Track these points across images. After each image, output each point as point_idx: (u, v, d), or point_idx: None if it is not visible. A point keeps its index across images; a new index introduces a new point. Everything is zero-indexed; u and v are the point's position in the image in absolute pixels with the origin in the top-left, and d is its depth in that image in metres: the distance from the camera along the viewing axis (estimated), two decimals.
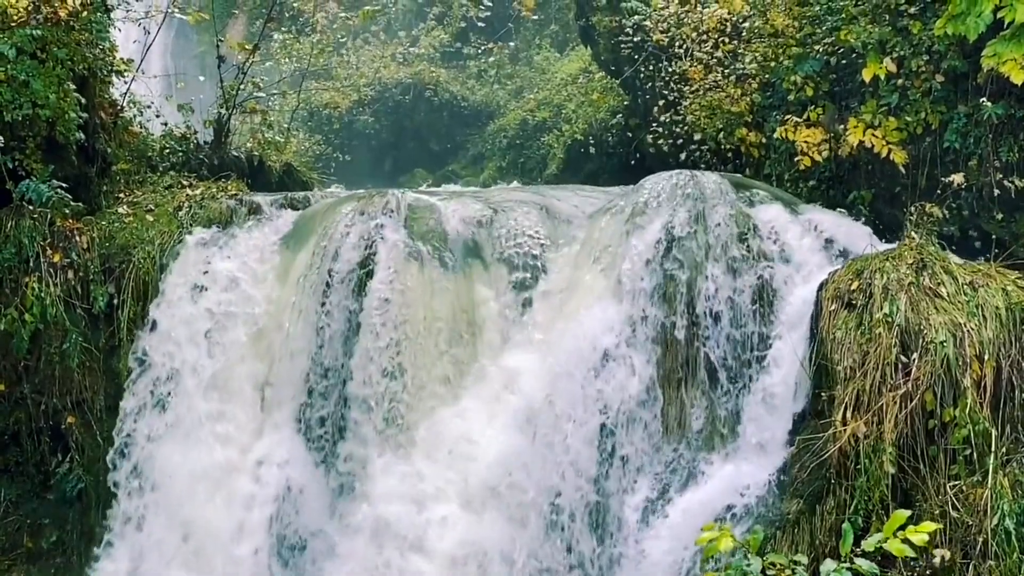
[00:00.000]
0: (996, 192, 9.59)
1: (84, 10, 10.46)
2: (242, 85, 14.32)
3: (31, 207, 10.09)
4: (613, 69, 15.20)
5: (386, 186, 14.80)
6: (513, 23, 23.27)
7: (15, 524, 10.01)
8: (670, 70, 13.46)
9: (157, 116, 13.61)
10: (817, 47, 11.12)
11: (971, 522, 7.51)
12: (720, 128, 12.23)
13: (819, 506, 8.08)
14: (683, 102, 13.04)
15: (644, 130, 14.09)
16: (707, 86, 12.65)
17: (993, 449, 7.59)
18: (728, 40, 12.85)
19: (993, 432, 7.65)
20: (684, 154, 12.83)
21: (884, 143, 10.05)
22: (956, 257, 8.77)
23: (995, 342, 7.88)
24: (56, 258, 10.05)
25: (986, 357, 7.80)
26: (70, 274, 10.10)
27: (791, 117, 10.89)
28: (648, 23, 14.03)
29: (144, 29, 14.25)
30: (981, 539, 7.42)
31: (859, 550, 4.87)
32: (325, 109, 21.58)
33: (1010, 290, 8.19)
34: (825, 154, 10.70)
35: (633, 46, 14.14)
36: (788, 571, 5.12)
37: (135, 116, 12.79)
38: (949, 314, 8.01)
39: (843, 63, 10.88)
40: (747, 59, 12.26)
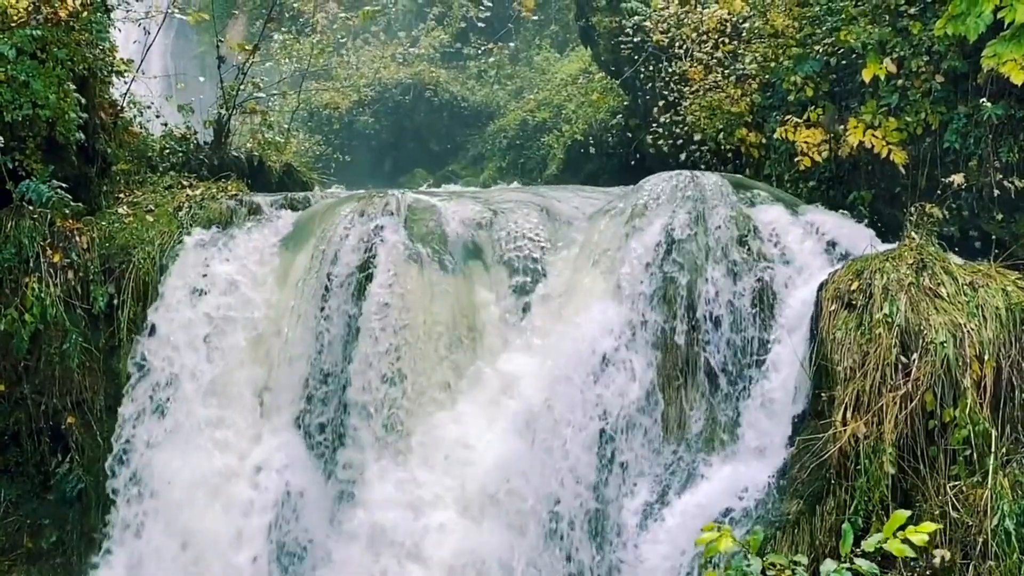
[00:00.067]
0: (996, 192, 9.59)
1: (84, 10, 10.46)
2: (242, 85, 14.32)
3: (31, 207, 10.08)
4: (613, 69, 15.20)
5: (386, 186, 14.78)
6: (513, 23, 23.27)
7: (15, 524, 10.00)
8: (670, 70, 13.46)
9: (157, 116, 13.60)
10: (817, 47, 11.13)
11: (971, 522, 7.50)
12: (720, 128, 12.23)
13: (819, 506, 8.06)
14: (683, 102, 13.04)
15: (644, 130, 14.08)
16: (707, 86, 12.65)
17: (993, 449, 7.59)
18: (728, 40, 12.85)
19: (993, 432, 7.64)
20: (684, 154, 12.83)
21: (884, 143, 10.05)
22: (956, 257, 8.76)
23: (995, 342, 7.87)
24: (56, 258, 10.04)
25: (986, 357, 7.80)
26: (70, 274, 10.08)
27: (791, 117, 10.89)
28: (648, 23, 14.04)
29: (144, 29, 14.24)
30: (981, 539, 7.41)
31: (859, 550, 4.87)
32: (325, 109, 21.56)
33: (1010, 290, 8.18)
34: (825, 154, 10.70)
35: (633, 46, 14.15)
36: (788, 571, 5.12)
37: (135, 116, 12.78)
38: (949, 314, 8.00)
39: (843, 63, 10.89)
40: (747, 59, 12.25)
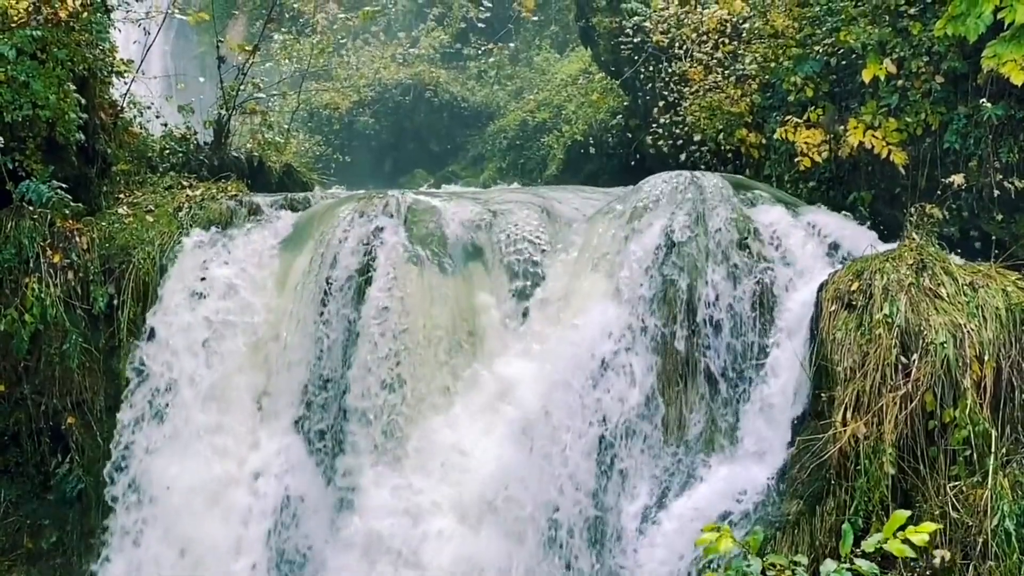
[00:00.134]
0: (996, 193, 9.59)
1: (84, 11, 10.46)
2: (242, 86, 14.33)
3: (31, 208, 10.07)
4: (613, 70, 15.21)
5: (386, 187, 14.81)
6: (513, 24, 23.28)
7: (15, 525, 9.99)
8: (670, 71, 13.47)
9: (157, 117, 13.60)
10: (817, 48, 11.13)
11: (971, 523, 7.50)
12: (720, 129, 12.22)
13: (819, 507, 8.05)
14: (683, 103, 13.04)
15: (644, 131, 14.08)
16: (707, 87, 12.65)
17: (993, 450, 7.58)
18: (728, 41, 12.85)
19: (993, 433, 7.63)
20: (684, 155, 12.83)
21: (884, 144, 10.05)
22: (956, 258, 8.76)
23: (995, 343, 7.87)
24: (56, 259, 10.04)
25: (986, 358, 7.79)
26: (70, 275, 10.08)
27: (791, 118, 10.89)
28: (648, 24, 14.04)
29: (144, 30, 14.24)
30: (981, 540, 7.41)
31: (859, 551, 4.87)
32: (325, 110, 21.56)
33: (1010, 291, 8.18)
34: (825, 155, 10.71)
35: (633, 47, 14.15)
36: (788, 572, 5.12)
37: (135, 117, 12.77)
38: (949, 315, 7.99)
39: (843, 64, 10.89)
40: (747, 60, 12.25)
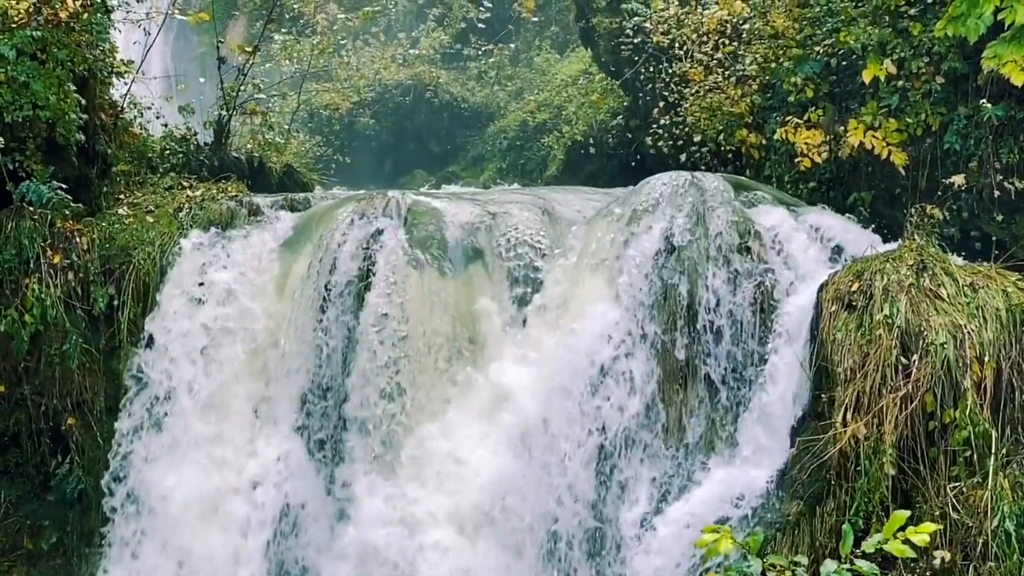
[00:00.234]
0: (996, 194, 9.59)
1: (84, 11, 10.46)
2: (242, 86, 14.33)
3: (31, 208, 10.07)
4: (613, 71, 15.21)
5: (387, 187, 14.78)
6: (513, 24, 23.29)
7: (15, 525, 10.00)
8: (670, 71, 13.47)
9: (157, 117, 13.59)
10: (817, 49, 11.13)
11: (971, 524, 7.49)
12: (720, 129, 12.22)
13: (819, 507, 8.05)
14: (683, 103, 13.04)
15: (644, 131, 14.08)
16: (707, 87, 12.65)
17: (993, 451, 7.58)
18: (728, 42, 12.85)
19: (993, 434, 7.63)
20: (684, 155, 12.82)
21: (884, 145, 10.05)
22: (957, 259, 8.76)
23: (995, 344, 7.86)
24: (56, 259, 10.04)
25: (986, 359, 7.79)
26: (70, 275, 10.08)
27: (791, 118, 10.89)
28: (648, 25, 14.04)
29: (144, 30, 14.25)
30: (981, 541, 7.41)
31: (859, 551, 4.86)
32: (325, 110, 21.55)
33: (1010, 292, 8.18)
34: (825, 156, 10.71)
35: (633, 48, 14.15)
36: (788, 572, 5.12)
37: (135, 117, 12.76)
38: (949, 316, 7.99)
39: (843, 65, 10.89)
40: (747, 60, 12.25)
